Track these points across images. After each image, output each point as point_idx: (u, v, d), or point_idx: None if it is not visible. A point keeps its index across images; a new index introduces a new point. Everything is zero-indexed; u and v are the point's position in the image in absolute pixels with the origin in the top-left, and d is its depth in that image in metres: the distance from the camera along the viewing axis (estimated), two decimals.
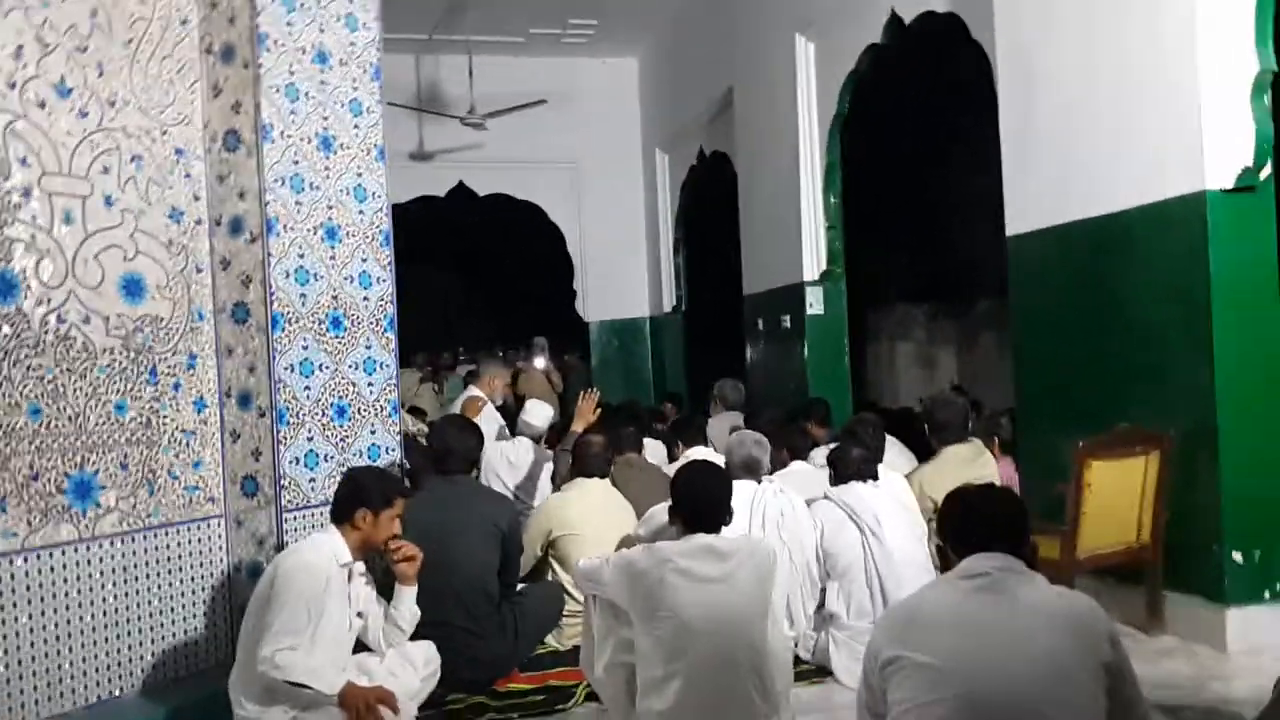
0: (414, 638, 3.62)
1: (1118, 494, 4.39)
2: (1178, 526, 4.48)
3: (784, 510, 4.16)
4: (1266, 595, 4.30)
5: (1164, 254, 4.56)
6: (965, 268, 10.18)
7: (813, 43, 7.84)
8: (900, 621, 2.43)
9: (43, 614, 3.51)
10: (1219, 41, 4.35)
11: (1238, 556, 4.29)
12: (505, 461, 5.58)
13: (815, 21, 7.72)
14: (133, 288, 3.87)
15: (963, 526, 2.48)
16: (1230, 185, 4.35)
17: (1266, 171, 4.38)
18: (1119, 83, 4.73)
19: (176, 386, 3.99)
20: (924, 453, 5.67)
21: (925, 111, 9.16)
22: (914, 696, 2.24)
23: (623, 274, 11.51)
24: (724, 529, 3.31)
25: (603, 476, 4.71)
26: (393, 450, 4.32)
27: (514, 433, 6.10)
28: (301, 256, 4.12)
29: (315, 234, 4.18)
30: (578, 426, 5.21)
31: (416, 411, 7.77)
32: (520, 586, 4.29)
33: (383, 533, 3.45)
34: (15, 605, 3.43)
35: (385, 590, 3.60)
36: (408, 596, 3.54)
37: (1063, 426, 4.83)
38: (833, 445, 4.83)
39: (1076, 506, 4.28)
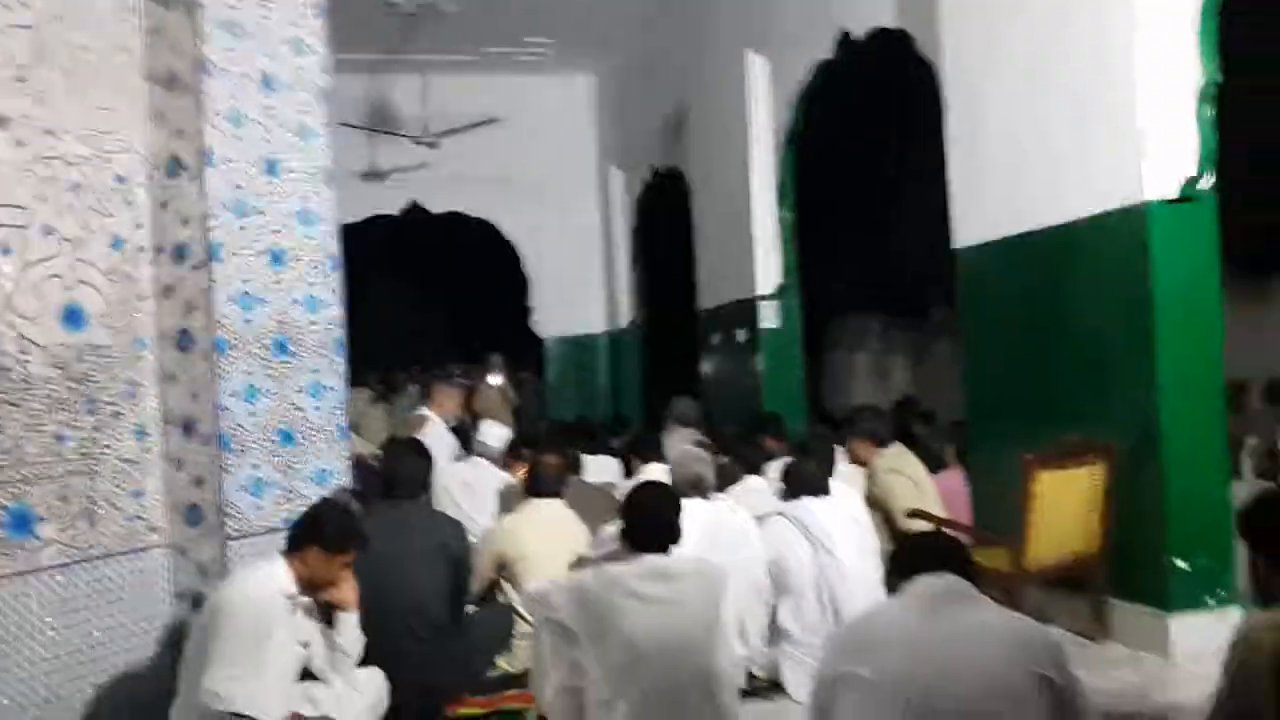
0: (363, 664, 3.59)
1: (1066, 504, 4.44)
2: (1124, 535, 4.55)
3: (735, 527, 4.16)
4: (1210, 602, 4.36)
5: (1108, 265, 4.63)
6: (917, 279, 10.29)
7: (765, 59, 7.91)
8: (850, 638, 2.47)
9: None
10: (1160, 54, 4.46)
11: (1182, 564, 4.36)
12: (460, 483, 5.54)
13: (767, 38, 7.80)
14: (73, 317, 3.81)
15: (910, 557, 2.52)
16: (1173, 195, 4.43)
17: (1209, 181, 4.46)
18: (1062, 97, 4.81)
19: (117, 415, 3.92)
20: None
21: (876, 126, 9.26)
22: (861, 713, 2.26)
23: (578, 290, 11.52)
24: (673, 548, 3.31)
25: (556, 496, 4.69)
26: (341, 475, 4.28)
27: (469, 453, 6.06)
28: (246, 282, 4.08)
29: (260, 259, 4.14)
30: None
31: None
32: (470, 609, 4.26)
33: (326, 576, 3.41)
34: None
35: (331, 619, 3.56)
36: (350, 622, 3.51)
37: (1011, 437, 4.89)
38: (787, 460, 4.85)
39: (1025, 517, 4.33)
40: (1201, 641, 4.18)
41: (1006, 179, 5.18)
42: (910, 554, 2.53)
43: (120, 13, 4.01)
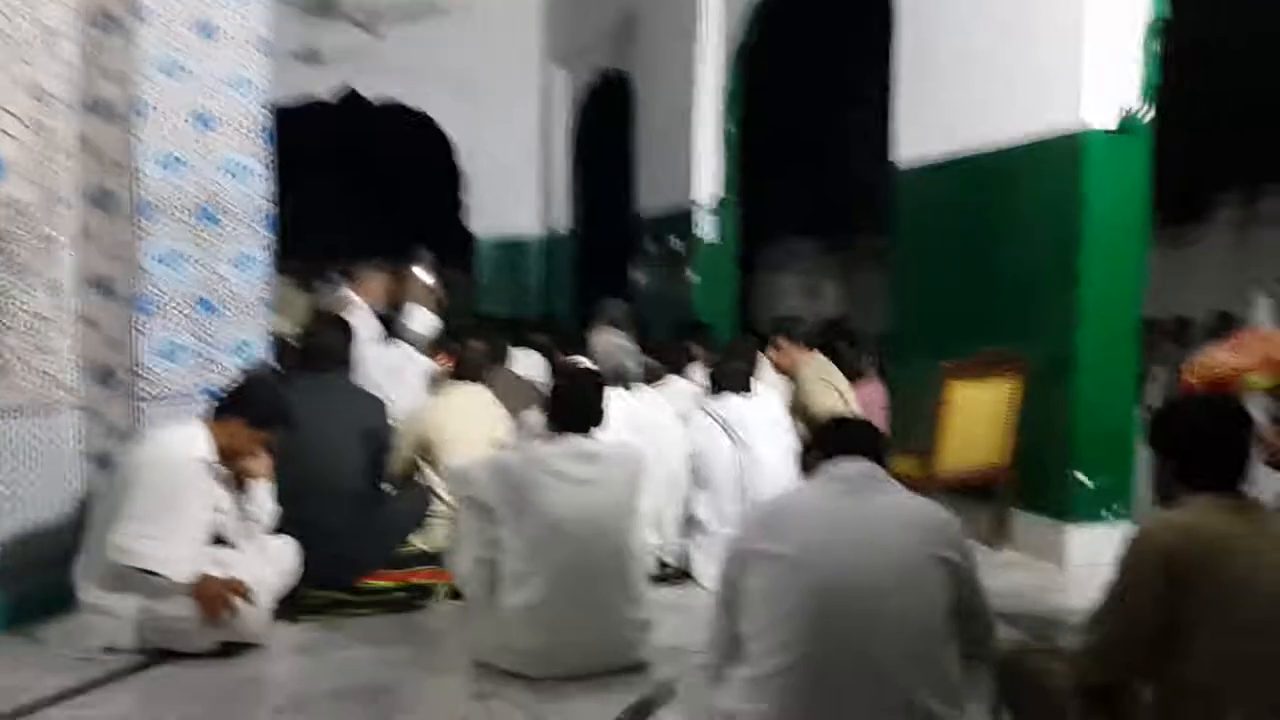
0: (278, 533, 3.59)
1: (978, 416, 4.57)
2: (1031, 450, 4.70)
3: (654, 418, 4.21)
4: (1107, 516, 4.55)
5: (1042, 190, 4.70)
6: (854, 202, 10.35)
7: None
8: (763, 517, 2.51)
9: None
10: None
11: (1084, 479, 4.53)
12: (383, 367, 5.48)
13: None
14: None
15: (832, 439, 2.56)
16: (1111, 126, 4.49)
17: (1148, 116, 4.53)
18: (1010, 19, 4.82)
19: (31, 271, 3.80)
20: None
21: (827, 44, 9.20)
22: (768, 585, 2.31)
23: (514, 190, 11.35)
24: (595, 431, 3.35)
25: (480, 382, 4.69)
26: (260, 348, 4.23)
27: (393, 338, 5.99)
28: (171, 142, 3.96)
29: (187, 121, 4.01)
30: None
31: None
32: (385, 487, 4.26)
33: (245, 448, 3.41)
34: None
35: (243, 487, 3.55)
36: (263, 491, 3.52)
37: (931, 352, 4.99)
38: (713, 361, 4.90)
39: (938, 425, 4.44)
40: (1096, 552, 4.33)
41: (949, 100, 5.20)
42: (833, 436, 2.57)
43: None
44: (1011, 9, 4.82)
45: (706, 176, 7.94)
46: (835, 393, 5.12)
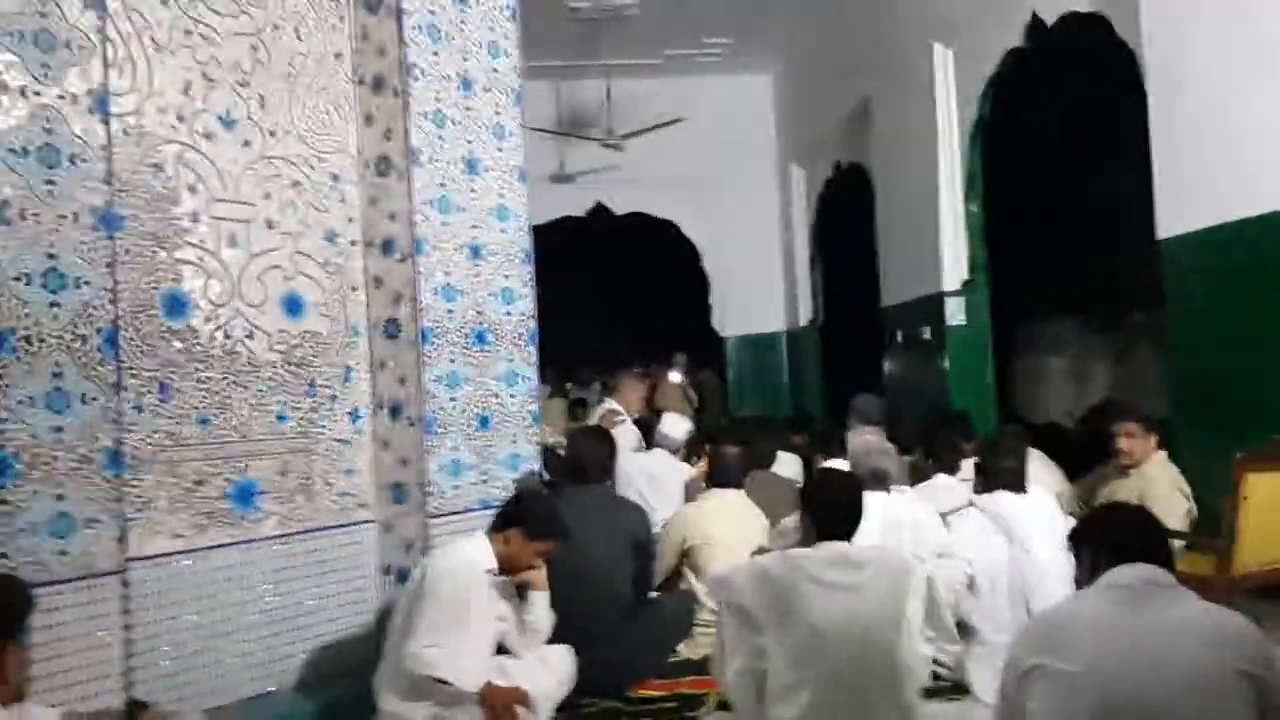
0: (552, 643, 3.73)
1: (1278, 508, 4.17)
2: None
3: (915, 522, 4.09)
4: None
5: None
6: (1117, 276, 9.79)
7: (950, 49, 7.73)
8: (1041, 630, 2.39)
9: (206, 611, 3.72)
10: None
11: None
12: (644, 474, 5.65)
13: (953, 28, 7.62)
14: (293, 305, 4.10)
15: (1109, 532, 2.43)
16: None
17: None
18: (1271, 77, 4.52)
19: (333, 398, 4.21)
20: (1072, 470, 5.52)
21: (1069, 115, 8.88)
22: (1051, 705, 2.20)
23: (758, 289, 11.52)
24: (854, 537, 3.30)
25: (738, 487, 4.74)
26: (532, 460, 4.45)
27: (650, 446, 6.18)
28: (448, 274, 4.31)
29: (461, 253, 4.36)
30: None
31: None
32: (654, 595, 4.35)
33: (524, 559, 3.58)
34: (182, 603, 3.66)
35: (524, 597, 3.71)
36: (541, 601, 3.65)
37: (1219, 438, 4.62)
38: (977, 459, 4.71)
39: (1234, 521, 4.09)
40: None
41: (1214, 166, 4.90)
42: (1109, 533, 2.43)
43: (330, 19, 4.30)
44: (1269, 65, 4.52)
45: (951, 260, 7.78)
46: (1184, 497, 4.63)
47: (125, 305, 3.51)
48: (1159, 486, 4.61)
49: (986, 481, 4.23)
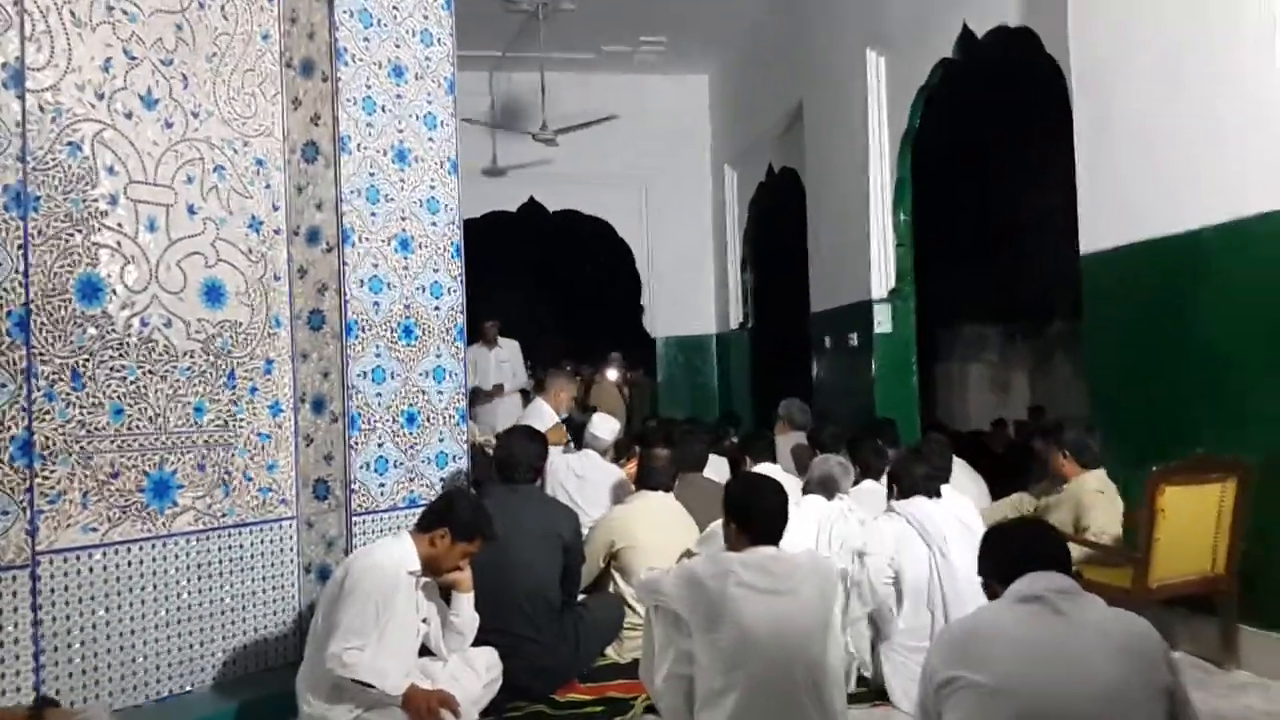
0: (477, 644, 3.67)
1: (1192, 522, 4.26)
2: (1254, 558, 4.35)
3: (852, 530, 4.11)
4: None
5: (1243, 274, 4.44)
6: (1040, 287, 10.02)
7: (883, 57, 7.81)
8: (957, 642, 2.39)
9: (119, 608, 3.61)
10: None
11: None
12: (572, 474, 5.60)
13: (886, 36, 7.69)
14: (213, 294, 3.99)
15: (1013, 544, 2.46)
16: None
17: None
18: (1197, 97, 4.63)
19: (253, 390, 4.09)
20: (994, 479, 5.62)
21: (998, 127, 9.06)
22: (969, 718, 2.21)
23: (690, 290, 11.54)
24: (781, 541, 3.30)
25: (667, 490, 4.72)
26: (459, 458, 4.39)
27: (579, 446, 6.13)
28: (375, 266, 4.21)
29: (389, 244, 4.27)
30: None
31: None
32: (581, 598, 4.31)
33: (450, 560, 3.50)
34: (94, 598, 3.55)
35: (448, 597, 3.65)
36: (465, 602, 3.59)
37: (1135, 451, 4.73)
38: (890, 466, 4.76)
39: (1149, 534, 4.17)
40: None
41: (1136, 182, 4.99)
42: (1012, 545, 2.46)
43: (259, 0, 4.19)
44: (1196, 84, 4.60)
45: (881, 267, 7.85)
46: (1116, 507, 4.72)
47: (37, 289, 3.39)
48: (1091, 499, 4.71)
49: (901, 488, 4.26)
